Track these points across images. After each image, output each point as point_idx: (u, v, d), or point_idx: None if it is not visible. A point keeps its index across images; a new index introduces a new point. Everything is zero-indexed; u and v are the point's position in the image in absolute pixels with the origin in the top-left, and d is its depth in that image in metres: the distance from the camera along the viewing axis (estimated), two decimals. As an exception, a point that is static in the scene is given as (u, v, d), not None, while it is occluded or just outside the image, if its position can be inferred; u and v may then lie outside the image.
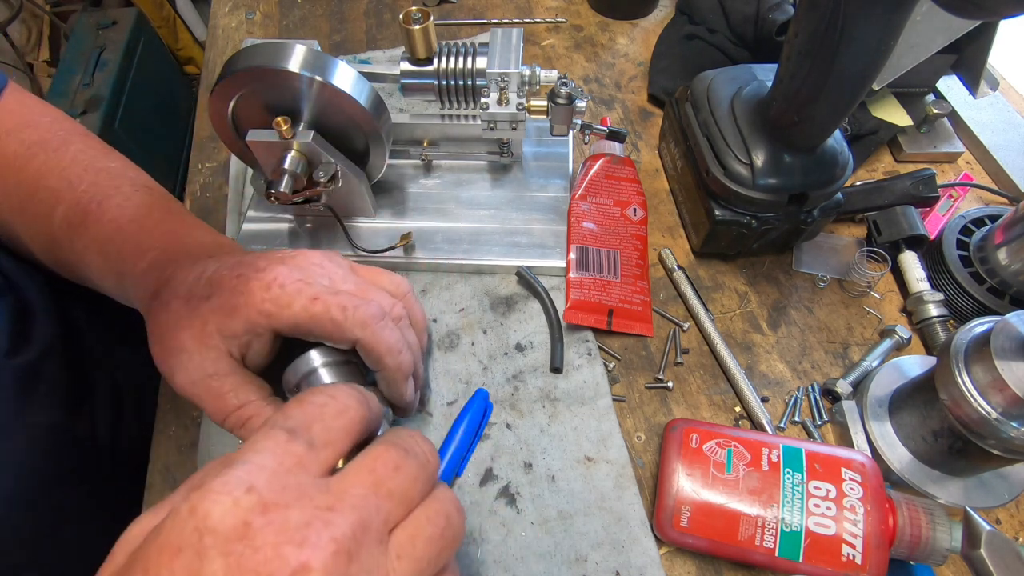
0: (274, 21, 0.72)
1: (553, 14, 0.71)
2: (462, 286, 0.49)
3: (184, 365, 0.32)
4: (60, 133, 0.42)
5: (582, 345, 0.46)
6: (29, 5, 1.45)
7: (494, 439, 0.42)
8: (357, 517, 0.20)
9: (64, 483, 0.41)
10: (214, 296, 0.32)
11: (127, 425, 0.48)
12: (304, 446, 0.22)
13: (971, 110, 0.58)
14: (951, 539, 0.32)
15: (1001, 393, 0.32)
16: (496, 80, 0.46)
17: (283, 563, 0.18)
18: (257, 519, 0.19)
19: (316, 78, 0.39)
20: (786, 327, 0.47)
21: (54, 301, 0.46)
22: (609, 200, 0.51)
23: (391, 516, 0.22)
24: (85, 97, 1.15)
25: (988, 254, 0.45)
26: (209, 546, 0.18)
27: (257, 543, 0.18)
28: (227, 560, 0.18)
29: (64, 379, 0.43)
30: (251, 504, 0.19)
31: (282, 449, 0.21)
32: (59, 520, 0.40)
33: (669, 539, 0.37)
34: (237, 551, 0.18)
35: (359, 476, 0.22)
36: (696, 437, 0.38)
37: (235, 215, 0.54)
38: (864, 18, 0.32)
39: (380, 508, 0.21)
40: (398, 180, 0.54)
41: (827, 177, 0.43)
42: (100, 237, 0.38)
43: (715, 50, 0.61)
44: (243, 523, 0.18)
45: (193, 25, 1.66)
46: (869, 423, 0.41)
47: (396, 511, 0.22)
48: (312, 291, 0.32)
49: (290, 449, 0.21)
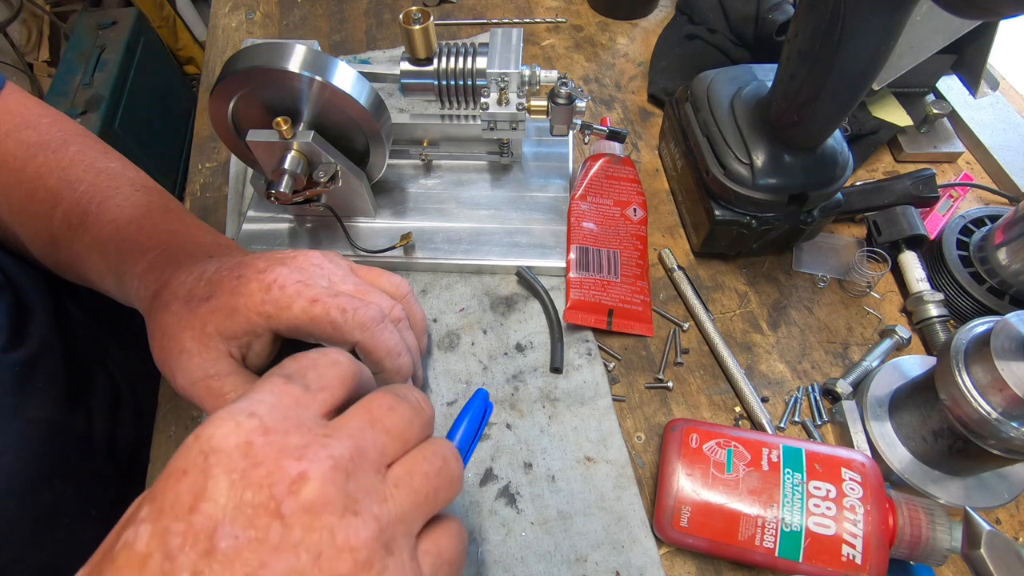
0: (274, 21, 0.72)
1: (553, 14, 0.71)
2: (462, 286, 0.49)
3: (185, 366, 0.32)
4: (59, 134, 0.42)
5: (582, 345, 0.46)
6: (29, 5, 1.45)
7: (494, 439, 0.42)
8: (354, 443, 0.21)
9: (61, 478, 0.41)
10: (214, 297, 0.32)
11: (124, 422, 0.48)
12: (301, 388, 0.23)
13: (971, 110, 0.58)
14: (951, 539, 0.32)
15: (1001, 393, 0.32)
16: (496, 80, 0.46)
17: (283, 474, 0.19)
18: (258, 439, 0.20)
19: (316, 78, 0.39)
20: (786, 327, 0.47)
21: (52, 299, 0.46)
22: (609, 200, 0.51)
23: (387, 449, 0.22)
24: (85, 97, 1.15)
25: (988, 254, 0.45)
26: (213, 464, 0.19)
27: (259, 459, 0.19)
28: (230, 475, 0.19)
29: (62, 375, 0.43)
30: (253, 427, 0.20)
31: (280, 389, 0.22)
32: (55, 515, 0.40)
33: (669, 539, 0.37)
34: (240, 467, 0.19)
35: (355, 413, 0.23)
36: (696, 437, 0.38)
37: (235, 215, 0.54)
38: (864, 18, 0.32)
39: (376, 441, 0.22)
40: (398, 180, 0.54)
41: (827, 177, 0.43)
42: (100, 237, 0.38)
43: (715, 50, 0.61)
44: (245, 442, 0.19)
45: (193, 25, 1.66)
46: (869, 423, 0.41)
47: (392, 445, 0.23)
48: (312, 293, 0.32)
49: (288, 390, 0.22)
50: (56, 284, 0.46)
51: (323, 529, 0.19)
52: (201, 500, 0.18)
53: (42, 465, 0.40)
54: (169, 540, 0.18)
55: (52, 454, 0.40)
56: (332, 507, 0.19)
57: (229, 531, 0.18)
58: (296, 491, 0.19)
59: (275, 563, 0.18)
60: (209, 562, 0.18)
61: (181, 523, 0.18)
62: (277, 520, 0.18)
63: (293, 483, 0.19)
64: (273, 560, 0.18)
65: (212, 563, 0.17)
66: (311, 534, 0.19)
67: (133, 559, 0.18)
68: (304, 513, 0.19)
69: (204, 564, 0.17)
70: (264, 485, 0.19)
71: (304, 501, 0.19)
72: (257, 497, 0.19)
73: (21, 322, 0.42)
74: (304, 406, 0.22)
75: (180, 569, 0.17)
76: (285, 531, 0.18)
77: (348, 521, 0.19)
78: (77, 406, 0.44)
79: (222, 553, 0.18)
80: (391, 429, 0.23)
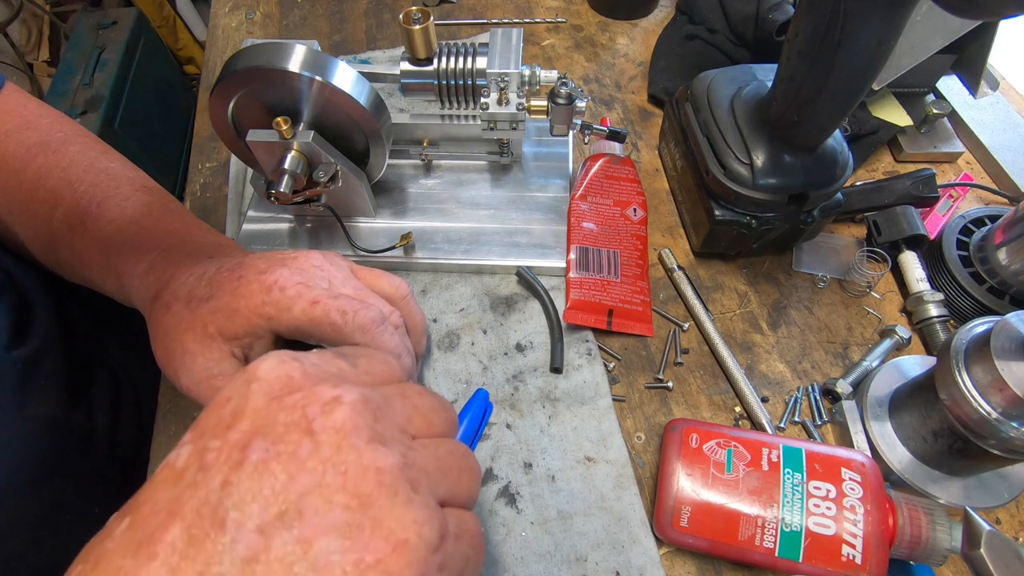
0: (274, 21, 0.72)
1: (553, 14, 0.71)
2: (462, 286, 0.49)
3: (188, 366, 0.32)
4: (59, 134, 0.42)
5: (582, 345, 0.46)
6: (29, 5, 1.44)
7: (494, 439, 0.42)
8: (384, 398, 0.22)
9: (61, 476, 0.41)
10: (214, 298, 0.32)
11: (125, 420, 0.48)
12: (349, 364, 0.24)
13: (971, 110, 0.58)
14: (951, 539, 0.32)
15: (1001, 393, 0.32)
16: (496, 80, 0.46)
17: (317, 397, 0.20)
18: (298, 374, 0.21)
19: (316, 78, 0.39)
20: (786, 327, 0.47)
21: (54, 298, 0.46)
22: (609, 200, 0.51)
23: (413, 420, 0.23)
24: (85, 97, 1.15)
25: (988, 254, 0.45)
26: (255, 390, 0.20)
27: (296, 386, 0.21)
28: (268, 398, 0.20)
29: (63, 373, 0.43)
30: (295, 366, 0.21)
31: (328, 357, 0.24)
32: (56, 513, 0.40)
33: (669, 539, 0.37)
34: (278, 392, 0.20)
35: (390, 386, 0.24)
36: (696, 437, 0.38)
37: (235, 215, 0.54)
38: (864, 18, 0.32)
39: (404, 408, 0.23)
40: (398, 180, 0.54)
41: (827, 177, 0.43)
42: (100, 238, 0.38)
43: (715, 50, 0.61)
44: (286, 375, 0.21)
45: (193, 25, 1.66)
46: (869, 423, 0.41)
47: (418, 420, 0.23)
48: (312, 294, 0.32)
49: (335, 361, 0.24)
50: (57, 283, 0.46)
51: (351, 449, 0.19)
52: (239, 419, 0.20)
53: (43, 463, 0.40)
54: (205, 456, 0.19)
55: (53, 452, 0.40)
56: (361, 432, 0.20)
57: (261, 445, 0.19)
58: (328, 412, 0.20)
59: (302, 477, 0.18)
60: (239, 473, 0.18)
61: (218, 440, 0.19)
62: (308, 436, 0.19)
63: (326, 404, 0.20)
64: (301, 474, 0.19)
65: (241, 474, 0.18)
66: (339, 452, 0.19)
67: (171, 475, 0.19)
68: (334, 432, 0.19)
69: (234, 475, 0.18)
70: (299, 407, 0.20)
71: (335, 421, 0.20)
72: (291, 416, 0.20)
73: (23, 320, 0.42)
74: (346, 374, 0.23)
75: (211, 479, 0.18)
76: (315, 447, 0.19)
77: (375, 447, 0.20)
78: (78, 404, 0.44)
79: (251, 465, 0.18)
80: (419, 407, 0.24)
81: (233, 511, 0.18)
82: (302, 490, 0.18)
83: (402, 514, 0.19)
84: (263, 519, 0.18)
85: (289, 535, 0.18)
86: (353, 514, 0.18)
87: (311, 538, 0.18)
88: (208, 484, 0.18)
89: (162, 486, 0.19)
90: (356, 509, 0.19)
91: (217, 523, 0.17)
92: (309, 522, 0.18)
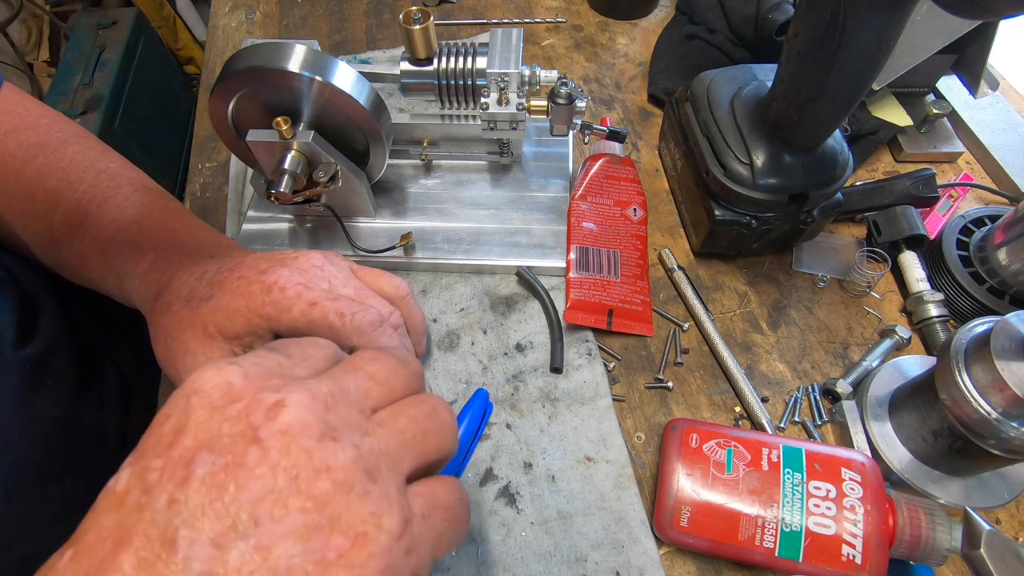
0: (274, 21, 0.72)
1: (553, 14, 0.71)
2: (462, 286, 0.49)
3: (190, 365, 0.32)
4: (58, 135, 0.42)
5: (582, 345, 0.46)
6: (29, 5, 1.44)
7: (494, 439, 0.42)
8: (334, 383, 0.21)
9: (72, 474, 0.41)
10: (214, 297, 0.32)
11: (135, 417, 0.48)
12: (283, 356, 0.23)
13: (971, 110, 0.58)
14: (951, 539, 0.32)
15: (1001, 393, 0.32)
16: (496, 80, 0.46)
17: (260, 404, 0.19)
18: (239, 380, 0.20)
19: (316, 78, 0.39)
20: (786, 327, 0.47)
21: (59, 296, 0.46)
22: (609, 200, 0.51)
23: (371, 392, 0.23)
24: (85, 97, 1.15)
25: (988, 254, 0.45)
26: (195, 404, 0.19)
27: (237, 395, 0.20)
28: (210, 410, 0.19)
29: (71, 371, 0.43)
30: (234, 371, 0.21)
31: (263, 354, 0.23)
32: (66, 511, 0.40)
33: (669, 539, 0.37)
34: (219, 403, 0.19)
35: (338, 365, 0.23)
36: (696, 437, 0.38)
37: (235, 215, 0.54)
38: (864, 18, 0.32)
39: (359, 383, 0.22)
40: (398, 180, 0.54)
41: (827, 177, 0.43)
42: (100, 238, 0.38)
43: (715, 50, 0.61)
44: (226, 383, 0.20)
45: (193, 25, 1.66)
46: (869, 423, 0.41)
47: (376, 390, 0.23)
48: (311, 295, 0.32)
49: (270, 356, 0.23)
50: (61, 282, 0.46)
51: (300, 451, 0.19)
52: (181, 435, 0.19)
53: (52, 462, 0.40)
54: (147, 476, 0.18)
55: (63, 451, 0.40)
56: (309, 431, 0.19)
57: (206, 459, 0.18)
58: (273, 417, 0.19)
59: (252, 485, 0.18)
60: (185, 490, 0.18)
61: (160, 459, 0.18)
62: (254, 444, 0.19)
63: (270, 410, 0.19)
64: (250, 482, 0.18)
65: (188, 490, 0.18)
66: (288, 456, 0.19)
67: (112, 501, 0.18)
68: (281, 436, 0.19)
69: (180, 492, 0.18)
70: (242, 416, 0.19)
71: (281, 425, 0.19)
72: (235, 427, 0.19)
73: (29, 319, 0.42)
74: (287, 368, 0.23)
75: (156, 500, 0.18)
76: (262, 454, 0.18)
77: (325, 444, 0.19)
78: (87, 402, 0.44)
79: (198, 480, 0.18)
80: (374, 375, 0.23)
81: (183, 528, 0.17)
82: (254, 498, 0.18)
83: (359, 508, 0.19)
84: (216, 532, 0.17)
85: (246, 544, 0.17)
86: (310, 515, 0.18)
87: (269, 544, 0.18)
88: (153, 505, 0.18)
89: (105, 513, 0.18)
90: (312, 510, 0.18)
91: (167, 543, 0.17)
92: (265, 529, 0.18)
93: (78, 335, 0.45)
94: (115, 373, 0.48)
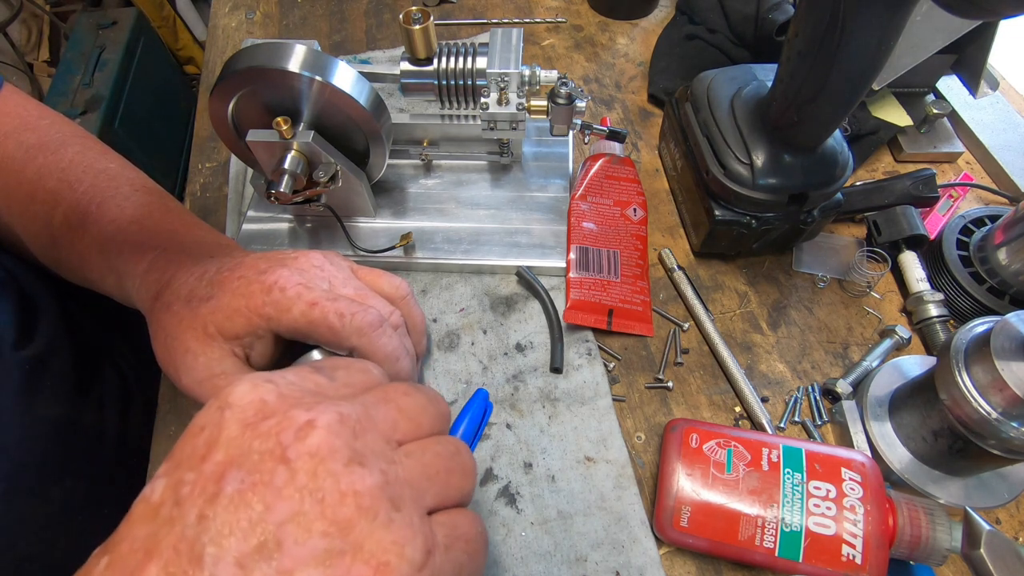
0: (274, 21, 0.72)
1: (553, 14, 0.71)
2: (462, 286, 0.49)
3: (190, 365, 0.32)
4: (58, 135, 0.42)
5: (582, 345, 0.46)
6: (29, 5, 1.44)
7: (494, 439, 0.42)
8: (364, 410, 0.22)
9: (72, 474, 0.41)
10: (215, 297, 0.32)
11: (134, 418, 0.48)
12: (326, 378, 0.24)
13: (971, 110, 0.58)
14: (951, 539, 0.32)
15: (1001, 393, 0.32)
16: (496, 80, 0.46)
17: (291, 423, 0.20)
18: (272, 398, 0.21)
19: (316, 78, 0.39)
20: (786, 327, 0.47)
21: (58, 297, 0.46)
22: (609, 200, 0.51)
23: (399, 425, 0.23)
24: (85, 97, 1.15)
25: (988, 254, 0.45)
26: (228, 417, 0.20)
27: (269, 412, 0.20)
28: (243, 425, 0.20)
29: (71, 372, 0.43)
30: (269, 389, 0.21)
31: (305, 374, 0.23)
32: (67, 511, 0.40)
33: (669, 539, 0.37)
34: (251, 420, 0.20)
35: (371, 392, 0.24)
36: (696, 437, 0.38)
37: (235, 215, 0.54)
38: (864, 18, 0.32)
39: (388, 415, 0.23)
40: (398, 180, 0.54)
41: (827, 177, 0.43)
42: (100, 238, 0.38)
43: (715, 50, 0.61)
44: (260, 400, 0.20)
45: (193, 25, 1.66)
46: (869, 423, 0.41)
47: (404, 424, 0.23)
48: (311, 296, 0.32)
49: (312, 376, 0.23)
50: (61, 283, 0.46)
51: (327, 475, 0.19)
52: (213, 450, 0.19)
53: (52, 462, 0.40)
54: (180, 489, 0.19)
55: (62, 451, 0.41)
56: (337, 456, 0.20)
57: (236, 476, 0.19)
58: (303, 438, 0.19)
59: (279, 506, 0.18)
60: (214, 506, 0.18)
61: (193, 472, 0.19)
62: (283, 465, 0.19)
63: (300, 430, 0.20)
64: (277, 503, 0.18)
65: (216, 507, 0.18)
66: (315, 479, 0.19)
67: (147, 511, 0.19)
68: (309, 458, 0.19)
69: (209, 508, 0.18)
70: (272, 434, 0.19)
71: (310, 446, 0.19)
72: (265, 444, 0.19)
73: (29, 320, 0.42)
74: (324, 391, 0.23)
75: (187, 514, 0.18)
76: (290, 475, 0.19)
77: (352, 469, 0.20)
78: (87, 403, 0.44)
79: (227, 497, 0.18)
80: (404, 409, 0.23)
81: (210, 546, 0.17)
82: (280, 520, 0.18)
83: (382, 536, 0.19)
84: (241, 552, 0.18)
85: (269, 567, 0.18)
86: (333, 541, 0.18)
87: (291, 569, 0.18)
88: (184, 519, 0.18)
89: (139, 523, 0.18)
90: (336, 536, 0.18)
91: (195, 560, 0.17)
92: (289, 552, 0.18)
93: (78, 336, 0.45)
94: (115, 374, 0.48)
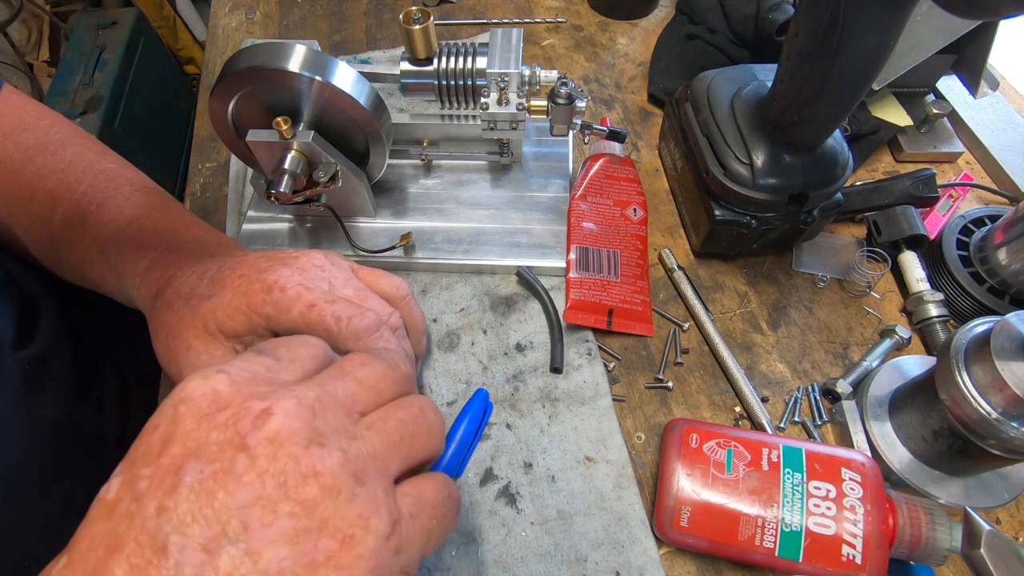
0: (274, 21, 0.72)
1: (553, 14, 0.71)
2: (462, 286, 0.49)
3: (192, 363, 0.32)
4: (57, 136, 0.42)
5: (582, 345, 0.46)
6: (29, 5, 1.44)
7: (494, 439, 0.42)
8: (321, 388, 0.22)
9: (72, 475, 0.41)
10: (215, 296, 0.32)
11: (134, 418, 0.48)
12: (272, 359, 0.24)
13: (971, 110, 0.58)
14: (951, 539, 0.32)
15: (1001, 393, 0.32)
16: (496, 80, 0.46)
17: (248, 412, 0.20)
18: (226, 388, 0.20)
19: (316, 78, 0.39)
20: (786, 327, 0.47)
21: (58, 297, 0.46)
22: (609, 200, 0.51)
23: (359, 397, 0.23)
24: (85, 97, 1.15)
25: (988, 254, 0.45)
26: (183, 412, 0.20)
27: (224, 403, 0.20)
28: (198, 419, 0.20)
29: (70, 373, 0.43)
30: (221, 379, 0.21)
31: (251, 358, 0.23)
32: (65, 512, 0.40)
33: (669, 539, 0.37)
34: (207, 412, 0.20)
35: (327, 369, 0.24)
36: (696, 437, 0.38)
37: (235, 215, 0.54)
38: (864, 18, 0.32)
39: (347, 388, 0.23)
40: (398, 180, 0.54)
41: (827, 177, 0.43)
42: (100, 238, 0.38)
43: (715, 50, 0.61)
44: (213, 391, 0.20)
45: (193, 25, 1.66)
46: (869, 423, 0.41)
47: (364, 395, 0.23)
48: (310, 297, 0.32)
49: (259, 359, 0.23)
50: (60, 284, 0.46)
51: (287, 457, 0.19)
52: (169, 444, 0.19)
53: (52, 463, 0.40)
54: (137, 485, 0.18)
55: (62, 451, 0.40)
56: (296, 438, 0.20)
57: (195, 467, 0.19)
58: (260, 425, 0.19)
59: (241, 492, 0.18)
60: (174, 497, 0.18)
61: (149, 468, 0.19)
62: (243, 452, 0.19)
63: (257, 418, 0.20)
64: (239, 489, 0.18)
65: (177, 498, 0.18)
66: (275, 463, 0.19)
67: (103, 509, 0.19)
68: (268, 443, 0.19)
69: (170, 500, 0.18)
70: (230, 424, 0.19)
71: (268, 432, 0.19)
72: (223, 435, 0.19)
73: (28, 320, 0.42)
74: (275, 372, 0.23)
75: (145, 508, 0.18)
76: (250, 461, 0.19)
77: (312, 450, 0.20)
78: (86, 403, 0.44)
79: (187, 487, 0.18)
80: (363, 380, 0.23)
81: (174, 535, 0.17)
82: (243, 504, 0.18)
83: (347, 511, 0.19)
84: (206, 537, 0.18)
85: (236, 549, 0.18)
86: (299, 520, 0.19)
87: (259, 549, 0.18)
88: (143, 513, 0.18)
89: (96, 521, 0.18)
90: (301, 515, 0.19)
91: (158, 549, 0.17)
92: (255, 534, 0.18)
93: (77, 336, 0.45)
94: (114, 374, 0.48)
